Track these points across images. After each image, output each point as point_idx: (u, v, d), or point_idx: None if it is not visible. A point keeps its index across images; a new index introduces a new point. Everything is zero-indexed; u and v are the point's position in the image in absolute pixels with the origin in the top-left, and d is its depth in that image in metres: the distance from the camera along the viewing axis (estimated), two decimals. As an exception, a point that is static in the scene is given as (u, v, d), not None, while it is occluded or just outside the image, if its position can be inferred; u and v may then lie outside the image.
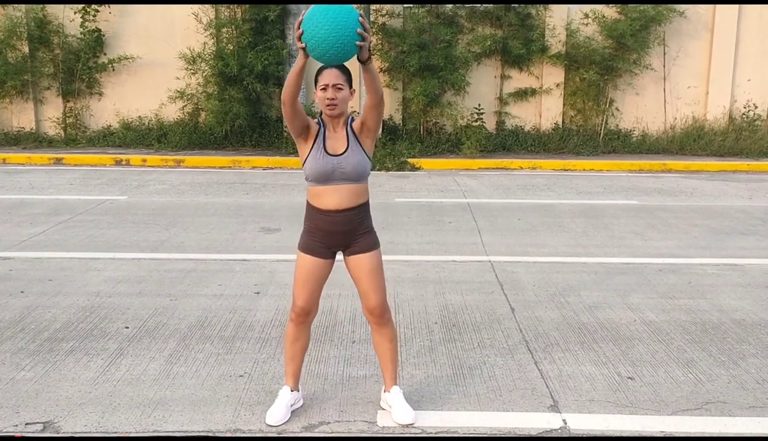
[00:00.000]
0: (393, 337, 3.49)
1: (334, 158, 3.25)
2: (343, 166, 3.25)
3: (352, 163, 3.26)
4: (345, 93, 3.23)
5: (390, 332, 3.47)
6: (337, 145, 3.28)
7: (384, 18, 13.48)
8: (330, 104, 3.21)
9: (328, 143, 3.28)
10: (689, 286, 5.63)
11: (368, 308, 3.40)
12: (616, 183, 10.81)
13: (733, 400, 3.68)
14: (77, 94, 14.11)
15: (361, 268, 3.37)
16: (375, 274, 3.39)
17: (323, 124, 3.32)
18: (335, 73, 3.21)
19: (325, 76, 3.21)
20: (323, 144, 3.27)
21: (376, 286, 3.38)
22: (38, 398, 3.63)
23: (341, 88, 3.21)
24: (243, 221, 7.82)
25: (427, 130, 13.90)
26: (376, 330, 3.47)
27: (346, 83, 3.23)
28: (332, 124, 3.31)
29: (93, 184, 10.14)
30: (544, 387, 3.82)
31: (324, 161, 3.25)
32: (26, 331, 4.55)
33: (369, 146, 3.34)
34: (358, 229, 3.36)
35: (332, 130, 3.31)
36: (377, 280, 3.39)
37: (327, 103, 3.21)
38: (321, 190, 3.28)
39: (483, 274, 5.92)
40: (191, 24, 13.50)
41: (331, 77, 3.20)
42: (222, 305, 5.08)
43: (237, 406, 3.58)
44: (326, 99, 3.21)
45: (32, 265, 6.05)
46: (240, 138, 13.53)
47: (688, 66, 14.04)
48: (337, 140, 3.29)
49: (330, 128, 3.31)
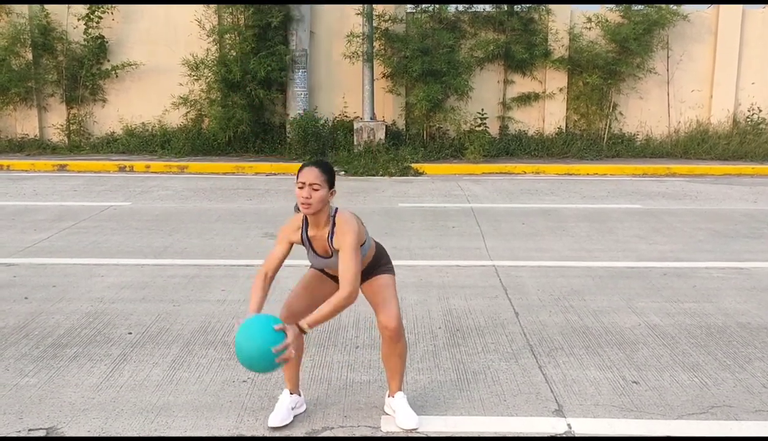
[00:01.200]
0: (403, 353, 3.46)
1: (324, 259, 3.33)
2: (331, 266, 3.34)
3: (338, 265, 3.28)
4: (322, 193, 3.16)
5: (401, 348, 3.44)
6: (322, 246, 3.31)
7: (387, 23, 13.49)
8: (305, 203, 3.16)
9: (315, 243, 3.32)
10: (694, 290, 5.60)
11: (385, 323, 3.36)
12: (620, 187, 10.79)
13: (739, 404, 3.65)
14: (81, 101, 14.14)
15: (377, 285, 3.41)
16: (391, 288, 3.43)
17: (306, 226, 3.31)
18: (315, 172, 3.15)
19: (303, 174, 3.16)
20: (311, 244, 3.32)
21: (392, 302, 3.39)
22: (42, 404, 3.62)
23: (317, 188, 3.14)
24: (246, 227, 7.82)
25: (431, 135, 13.89)
26: (388, 344, 3.41)
27: (324, 183, 3.16)
28: (314, 222, 3.28)
29: (97, 191, 10.15)
30: (549, 391, 3.80)
31: (315, 260, 3.36)
32: (30, 337, 4.55)
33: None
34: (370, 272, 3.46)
35: (314, 226, 3.29)
36: (393, 295, 3.42)
37: (302, 201, 3.16)
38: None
39: (487, 279, 5.90)
40: (194, 30, 13.53)
41: (309, 176, 3.14)
42: (225, 311, 5.07)
43: (240, 411, 3.57)
44: (302, 198, 3.16)
45: (36, 271, 6.05)
46: (243, 144, 13.54)
47: (691, 69, 14.02)
48: (320, 240, 3.30)
49: (312, 228, 3.30)
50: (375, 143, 12.95)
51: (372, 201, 9.43)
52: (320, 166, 3.18)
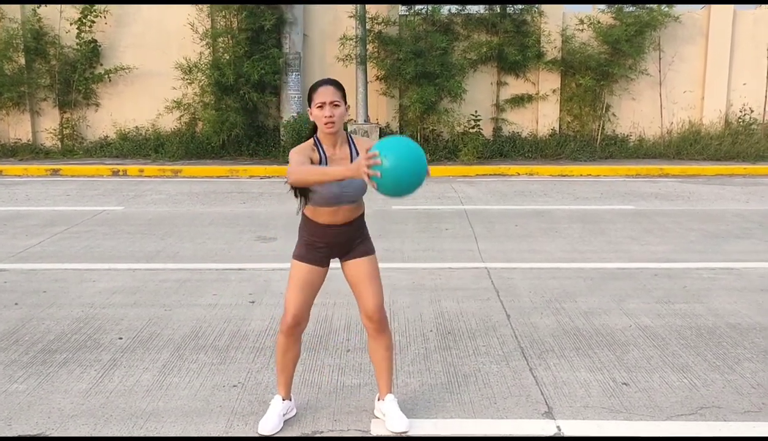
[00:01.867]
0: (389, 345, 3.48)
1: (340, 185, 3.19)
2: (347, 191, 3.23)
3: (356, 187, 3.23)
4: (342, 109, 3.18)
5: (387, 339, 3.46)
6: (340, 164, 3.23)
7: (380, 26, 13.51)
8: (328, 122, 3.14)
9: (332, 162, 3.24)
10: (685, 291, 5.62)
11: (367, 312, 3.38)
12: (613, 188, 10.82)
13: (728, 405, 3.66)
14: (74, 105, 14.14)
15: (359, 273, 3.38)
16: (373, 277, 3.40)
17: (321, 146, 3.25)
18: (331, 90, 3.17)
19: (320, 94, 3.16)
20: (326, 160, 3.23)
21: (375, 290, 3.38)
22: (30, 410, 3.62)
23: (338, 104, 3.16)
24: (239, 230, 7.82)
25: (424, 137, 13.91)
26: (373, 336, 3.45)
27: (341, 100, 3.19)
28: (330, 142, 3.24)
29: (89, 195, 10.14)
30: (539, 394, 3.80)
31: (329, 188, 3.18)
32: (20, 343, 4.54)
33: None
34: (356, 237, 3.39)
35: (332, 149, 3.25)
36: (375, 284, 3.40)
37: (325, 120, 3.14)
38: (323, 210, 3.29)
39: (479, 281, 5.91)
40: (187, 34, 13.54)
41: (328, 94, 3.15)
42: (216, 315, 5.07)
43: (230, 416, 3.56)
44: (324, 117, 3.14)
45: (27, 276, 6.04)
46: (237, 147, 13.55)
47: (683, 71, 14.07)
48: (339, 158, 3.25)
49: (329, 148, 3.25)
50: (368, 146, 12.96)
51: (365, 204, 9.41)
52: (333, 83, 3.20)
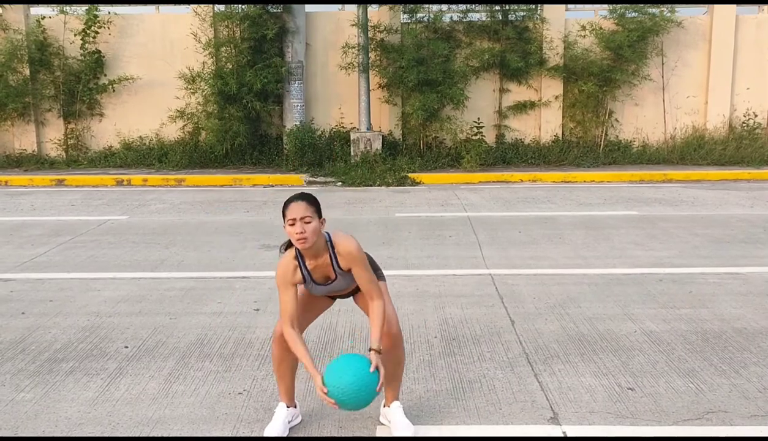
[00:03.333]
0: (401, 361, 3.46)
1: (324, 286, 3.34)
2: (335, 289, 3.36)
3: (342, 284, 3.34)
4: (314, 224, 3.15)
5: (400, 354, 3.44)
6: (323, 272, 3.31)
7: (382, 34, 13.56)
8: (300, 238, 3.13)
9: (314, 273, 3.30)
10: (690, 296, 5.61)
11: (386, 336, 3.35)
12: (616, 194, 10.81)
13: (735, 410, 3.65)
14: (78, 116, 14.20)
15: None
16: (388, 299, 3.43)
17: (302, 261, 3.28)
18: (302, 205, 3.14)
19: (291, 211, 3.14)
20: (310, 277, 3.30)
21: (390, 305, 3.40)
22: (37, 419, 3.62)
23: (309, 220, 3.13)
24: (243, 239, 7.83)
25: (427, 144, 13.93)
26: (386, 350, 3.41)
27: (314, 214, 3.16)
28: (309, 254, 3.26)
29: (94, 205, 10.17)
30: (544, 399, 3.80)
31: (316, 290, 3.35)
32: (26, 352, 4.56)
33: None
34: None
35: (313, 260, 3.28)
36: (389, 301, 3.42)
37: (297, 237, 3.13)
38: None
39: (483, 288, 5.91)
40: (190, 44, 13.60)
41: (298, 211, 3.13)
42: (221, 323, 5.08)
43: (236, 423, 3.57)
44: (296, 234, 3.13)
45: (33, 286, 6.06)
46: (240, 156, 13.58)
47: (686, 76, 14.08)
48: (321, 267, 3.29)
49: (310, 260, 3.28)
50: (372, 153, 12.99)
51: (369, 211, 9.45)
52: (305, 199, 3.18)
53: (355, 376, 3.02)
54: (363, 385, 3.02)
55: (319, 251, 3.25)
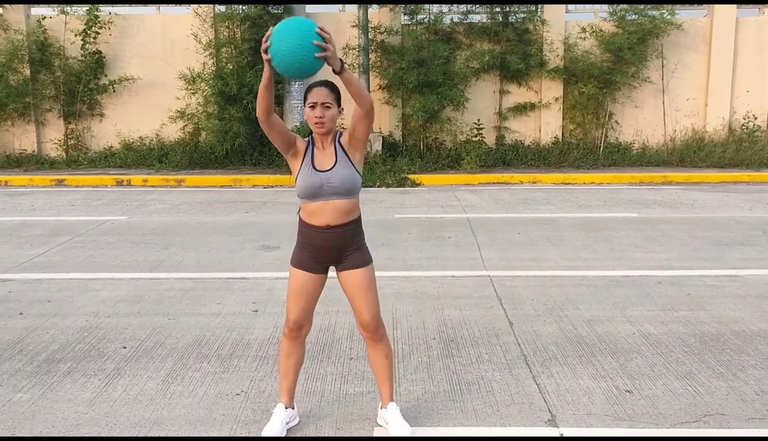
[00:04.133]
0: (388, 353, 3.48)
1: (323, 173, 3.25)
2: (331, 180, 3.25)
3: (341, 177, 3.25)
4: (333, 111, 3.25)
5: (385, 348, 3.46)
6: (325, 161, 3.29)
7: (382, 35, 13.56)
8: (318, 122, 3.22)
9: (317, 159, 3.30)
10: (688, 298, 5.61)
11: (362, 324, 3.40)
12: (616, 196, 10.81)
13: (732, 412, 3.65)
14: (78, 116, 14.20)
15: (353, 285, 3.36)
16: (367, 290, 3.36)
17: (312, 141, 3.35)
18: (324, 91, 3.22)
19: (313, 94, 3.23)
20: (312, 160, 3.29)
21: (369, 302, 3.36)
22: (35, 420, 3.63)
23: (329, 106, 3.22)
24: (243, 239, 7.83)
25: (427, 146, 13.94)
26: (371, 345, 3.46)
27: (334, 102, 3.25)
28: (320, 140, 3.32)
29: (94, 205, 10.17)
30: (542, 401, 3.80)
31: (312, 177, 3.25)
32: (24, 352, 4.56)
33: (358, 159, 3.34)
34: (349, 244, 3.35)
35: (320, 146, 3.32)
36: (370, 296, 3.37)
37: (315, 121, 3.22)
38: (312, 206, 3.29)
39: (482, 289, 5.91)
40: (191, 44, 13.60)
41: (320, 95, 3.21)
42: (220, 324, 5.08)
43: (233, 424, 3.57)
44: (314, 117, 3.22)
45: (31, 286, 6.06)
46: (240, 157, 13.58)
47: (686, 78, 14.08)
48: (325, 156, 3.30)
49: (318, 145, 3.33)
50: (372, 154, 12.99)
51: (368, 212, 9.45)
52: (328, 86, 3.25)
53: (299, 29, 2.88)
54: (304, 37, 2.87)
55: (327, 141, 3.32)
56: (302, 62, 2.91)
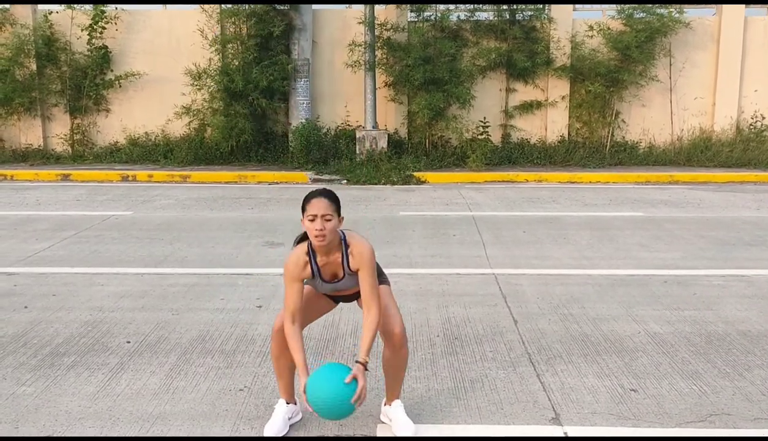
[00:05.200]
0: (406, 360, 3.44)
1: (332, 284, 3.34)
2: (340, 288, 3.36)
3: (349, 284, 3.34)
4: (334, 222, 3.17)
5: (405, 354, 3.41)
6: (332, 270, 3.31)
7: (389, 32, 13.52)
8: (319, 235, 3.14)
9: (324, 271, 3.30)
10: (694, 298, 5.58)
11: (392, 338, 3.35)
12: (622, 195, 10.77)
13: (738, 412, 3.63)
14: (84, 111, 14.20)
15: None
16: (392, 298, 3.45)
17: (313, 256, 3.28)
18: (324, 203, 3.15)
19: (313, 206, 3.15)
20: (319, 273, 3.30)
21: (396, 316, 3.38)
22: (38, 413, 3.62)
23: (329, 218, 3.15)
24: (247, 235, 7.83)
25: (433, 143, 13.90)
26: (392, 350, 3.39)
27: (334, 213, 3.18)
28: (323, 251, 3.26)
29: (99, 200, 10.18)
30: (546, 400, 3.78)
31: (323, 288, 3.36)
32: (28, 346, 4.56)
33: None
34: None
35: (324, 257, 3.28)
36: (394, 310, 3.40)
37: (316, 233, 3.14)
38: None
39: (486, 287, 5.89)
40: (197, 40, 13.58)
41: (320, 208, 3.14)
42: (224, 319, 5.07)
43: (236, 420, 3.56)
44: (315, 230, 3.14)
45: (36, 280, 6.07)
46: (246, 153, 13.56)
47: (694, 77, 14.01)
48: (331, 265, 3.30)
49: (321, 256, 3.28)
50: (377, 152, 12.97)
51: (374, 209, 9.43)
52: (328, 196, 3.18)
53: (330, 391, 3.02)
54: (337, 400, 3.02)
55: (332, 249, 3.26)
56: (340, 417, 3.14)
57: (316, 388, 3.04)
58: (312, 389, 3.04)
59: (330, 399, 3.01)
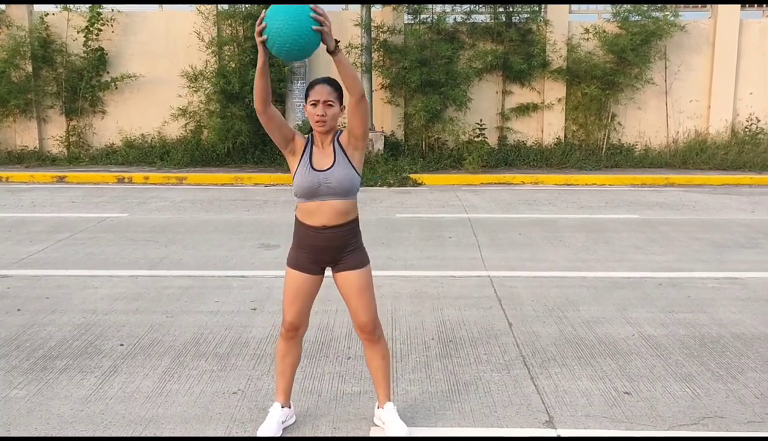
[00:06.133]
0: (385, 354, 3.46)
1: (320, 173, 3.21)
2: (329, 180, 3.20)
3: (338, 178, 3.20)
4: (335, 109, 3.20)
5: (382, 349, 3.44)
6: (323, 160, 3.24)
7: (385, 34, 13.53)
8: (319, 120, 3.18)
9: (315, 158, 3.26)
10: (689, 300, 5.58)
11: (359, 325, 3.37)
12: (618, 197, 10.78)
13: (731, 415, 3.63)
14: (80, 113, 14.18)
15: (349, 286, 3.33)
16: (364, 291, 3.33)
17: (312, 139, 3.31)
18: (326, 88, 3.18)
19: (315, 92, 3.18)
20: (310, 159, 3.25)
21: (366, 304, 3.33)
22: (30, 416, 3.61)
23: (331, 104, 3.18)
24: (243, 238, 7.81)
25: (429, 145, 13.91)
26: (367, 346, 3.44)
27: (336, 100, 3.20)
28: (320, 139, 3.28)
29: (94, 202, 10.16)
30: (540, 402, 3.78)
31: (310, 176, 3.21)
32: (21, 349, 4.54)
33: (358, 159, 3.28)
34: (346, 245, 3.31)
35: (320, 145, 3.29)
36: (366, 297, 3.34)
37: (316, 119, 3.18)
38: (309, 206, 3.26)
39: (481, 289, 5.88)
40: (193, 42, 13.58)
41: (322, 93, 3.17)
42: (218, 322, 5.06)
43: (229, 423, 3.55)
44: (316, 115, 3.17)
45: (30, 282, 6.05)
46: (242, 155, 13.56)
47: (689, 80, 14.03)
48: (324, 155, 3.26)
49: (318, 143, 3.29)
50: (374, 154, 12.96)
51: (369, 211, 9.42)
52: (331, 83, 3.21)
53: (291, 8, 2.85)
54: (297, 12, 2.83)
55: (327, 140, 3.28)
56: (297, 38, 2.85)
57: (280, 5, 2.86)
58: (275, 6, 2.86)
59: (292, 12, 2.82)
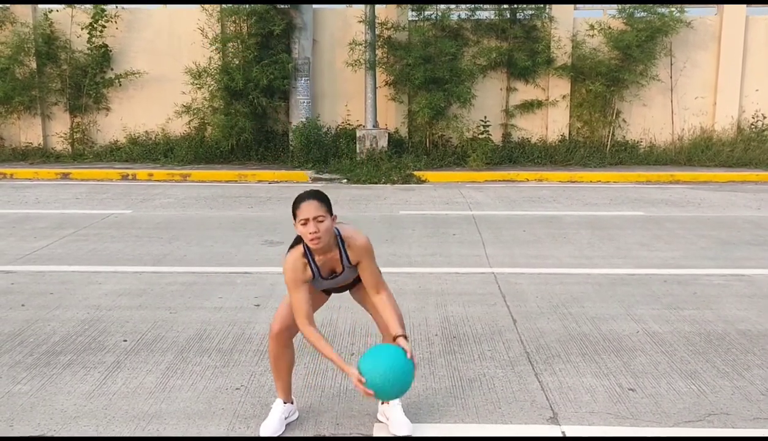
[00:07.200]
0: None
1: (329, 280, 3.35)
2: (340, 282, 3.39)
3: (347, 277, 3.37)
4: (327, 223, 3.12)
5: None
6: (331, 266, 3.32)
7: (389, 31, 13.50)
8: (314, 238, 3.10)
9: (323, 268, 3.29)
10: (694, 297, 5.56)
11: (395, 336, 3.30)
12: (623, 194, 10.75)
13: (737, 412, 3.61)
14: (84, 110, 14.19)
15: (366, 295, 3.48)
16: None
17: (311, 257, 3.26)
18: (314, 205, 3.10)
19: (303, 211, 3.10)
20: (319, 273, 3.29)
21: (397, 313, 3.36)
22: (33, 412, 3.61)
23: (322, 219, 3.11)
24: (246, 234, 7.81)
25: (433, 142, 13.88)
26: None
27: (326, 213, 3.13)
28: (320, 251, 3.24)
29: (98, 199, 10.17)
30: (544, 399, 3.76)
31: (321, 284, 3.38)
32: (25, 344, 4.54)
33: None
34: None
35: (322, 256, 3.26)
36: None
37: (311, 237, 3.10)
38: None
39: (486, 286, 5.87)
40: (197, 39, 13.57)
41: (310, 210, 3.09)
42: (221, 318, 5.06)
43: (232, 419, 3.54)
44: (309, 233, 3.10)
45: (34, 278, 6.05)
46: (246, 152, 13.55)
47: (695, 76, 13.98)
48: (330, 262, 3.29)
49: (319, 257, 3.27)
50: (377, 151, 12.95)
51: (373, 208, 9.41)
52: (317, 197, 3.13)
53: (390, 359, 3.03)
54: (399, 369, 3.03)
55: (329, 247, 3.23)
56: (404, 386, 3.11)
57: (379, 366, 3.02)
58: (374, 368, 3.02)
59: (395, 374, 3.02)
